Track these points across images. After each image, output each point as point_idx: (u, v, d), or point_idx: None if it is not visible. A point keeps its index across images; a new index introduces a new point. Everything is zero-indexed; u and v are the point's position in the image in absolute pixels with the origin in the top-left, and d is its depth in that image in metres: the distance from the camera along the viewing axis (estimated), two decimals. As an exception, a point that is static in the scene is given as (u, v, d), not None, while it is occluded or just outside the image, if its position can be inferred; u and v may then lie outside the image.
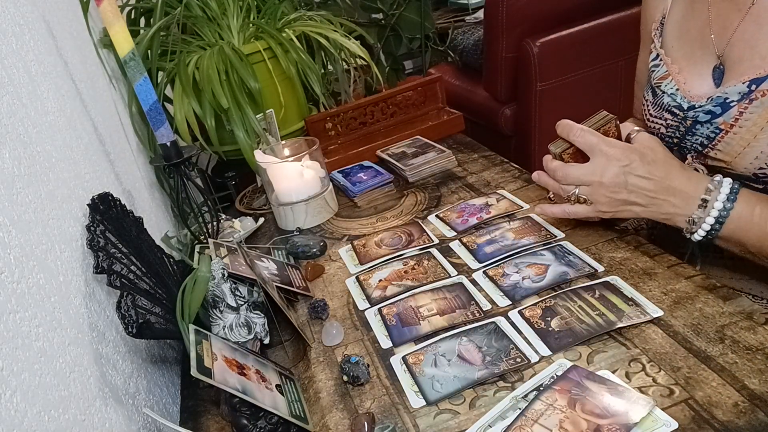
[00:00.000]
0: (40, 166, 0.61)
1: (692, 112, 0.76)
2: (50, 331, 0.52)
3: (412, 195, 1.07)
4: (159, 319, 0.67)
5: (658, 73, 0.83)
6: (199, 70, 1.11)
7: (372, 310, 0.77)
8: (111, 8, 0.78)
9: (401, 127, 1.29)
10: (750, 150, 0.70)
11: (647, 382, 0.56)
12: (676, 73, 0.80)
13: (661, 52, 0.83)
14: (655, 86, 0.83)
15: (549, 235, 0.83)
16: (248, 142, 1.10)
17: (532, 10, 1.72)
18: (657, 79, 0.83)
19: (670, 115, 0.80)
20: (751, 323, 0.60)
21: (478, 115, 1.98)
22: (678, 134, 0.79)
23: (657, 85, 0.83)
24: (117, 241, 0.68)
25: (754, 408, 0.51)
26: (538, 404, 0.56)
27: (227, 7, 1.23)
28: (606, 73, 1.78)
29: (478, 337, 0.67)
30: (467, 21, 2.50)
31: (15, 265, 0.49)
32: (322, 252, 0.94)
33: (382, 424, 0.59)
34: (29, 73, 0.67)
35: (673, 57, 0.82)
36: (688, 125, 0.77)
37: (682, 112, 0.78)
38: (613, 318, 0.64)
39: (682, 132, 0.78)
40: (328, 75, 1.41)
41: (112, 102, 1.05)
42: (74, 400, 0.52)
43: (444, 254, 0.85)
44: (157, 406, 0.72)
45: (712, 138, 0.74)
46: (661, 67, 0.83)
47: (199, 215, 0.96)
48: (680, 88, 0.79)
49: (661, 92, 0.82)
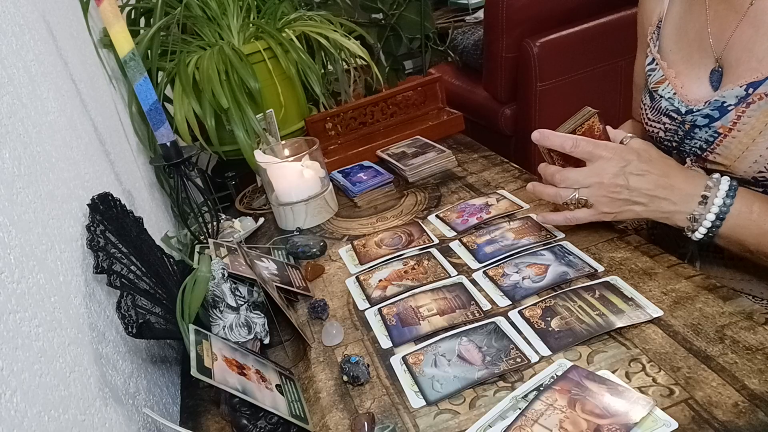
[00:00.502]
0: (40, 166, 0.61)
1: (690, 116, 0.76)
2: (50, 331, 0.52)
3: (412, 195, 1.07)
4: (159, 319, 0.67)
5: (654, 78, 0.83)
6: (199, 70, 1.11)
7: (372, 310, 0.77)
8: (111, 8, 0.78)
9: (401, 127, 1.29)
10: (749, 153, 0.70)
11: (647, 382, 0.56)
12: (673, 77, 0.80)
13: (657, 57, 0.83)
14: (652, 90, 0.83)
15: (549, 235, 0.83)
16: (248, 142, 1.10)
17: (532, 10, 1.72)
18: (654, 83, 0.83)
19: (669, 119, 0.80)
20: (751, 323, 0.60)
21: (478, 115, 1.98)
22: (677, 138, 0.79)
23: (654, 89, 0.82)
24: (117, 241, 0.68)
25: (754, 408, 0.51)
26: (538, 404, 0.56)
27: (227, 7, 1.23)
28: (606, 73, 1.78)
29: (478, 337, 0.67)
30: (467, 21, 2.50)
31: (15, 265, 0.49)
32: (322, 252, 0.94)
33: (382, 424, 0.59)
34: (29, 73, 0.67)
35: (670, 60, 0.81)
36: (687, 129, 0.77)
37: (680, 116, 0.78)
38: (613, 318, 0.64)
39: (680, 136, 0.78)
40: (328, 75, 1.41)
41: (112, 102, 1.05)
42: (74, 400, 0.52)
43: (444, 254, 0.85)
44: (157, 406, 0.72)
45: (711, 142, 0.74)
46: (657, 72, 0.82)
47: (199, 215, 0.96)
48: (677, 92, 0.79)
49: (658, 96, 0.81)
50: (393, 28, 2.17)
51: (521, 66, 1.75)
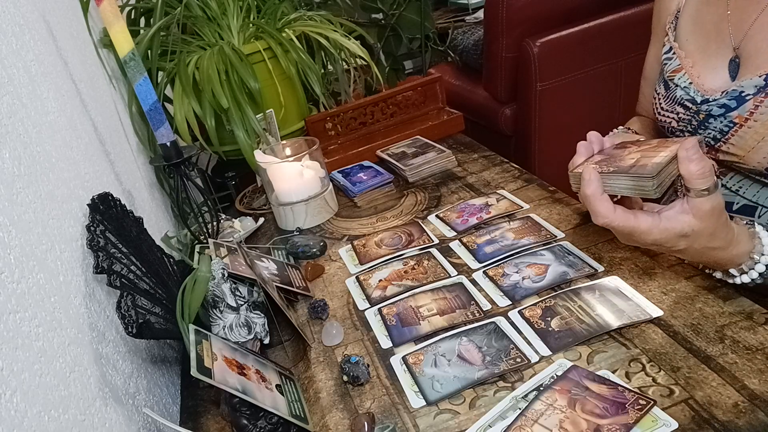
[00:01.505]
0: (40, 166, 0.61)
1: (705, 106, 0.76)
2: (50, 331, 0.52)
3: (412, 195, 1.07)
4: (159, 319, 0.67)
5: (670, 66, 0.83)
6: (199, 70, 1.11)
7: (372, 310, 0.77)
8: (111, 8, 0.78)
9: (401, 127, 1.29)
10: (764, 144, 0.70)
11: (647, 382, 0.56)
12: (690, 66, 0.80)
13: (675, 45, 0.83)
14: (668, 79, 0.83)
15: (549, 235, 0.83)
16: (248, 142, 1.10)
17: (532, 10, 1.72)
18: (670, 72, 0.83)
19: (683, 109, 0.80)
20: (751, 323, 0.60)
21: (478, 115, 1.98)
22: (690, 128, 0.79)
23: (670, 78, 0.82)
24: (117, 241, 0.68)
25: (754, 408, 0.51)
26: (538, 404, 0.56)
27: (227, 7, 1.23)
28: (606, 73, 1.77)
29: (478, 337, 0.67)
30: (467, 21, 2.50)
31: (15, 265, 0.49)
32: (322, 252, 0.94)
33: (382, 424, 0.59)
34: (29, 73, 0.67)
35: (687, 50, 0.81)
36: (701, 119, 0.77)
37: (695, 106, 0.78)
38: (613, 318, 0.64)
39: (694, 126, 0.78)
40: (328, 75, 1.41)
41: (112, 102, 1.05)
42: (74, 400, 0.52)
43: (444, 254, 0.85)
44: (157, 406, 0.72)
45: (726, 132, 0.74)
46: (674, 61, 0.82)
47: (199, 215, 0.96)
48: (693, 81, 0.79)
49: (674, 85, 0.81)
50: (393, 28, 2.17)
51: (521, 66, 1.75)
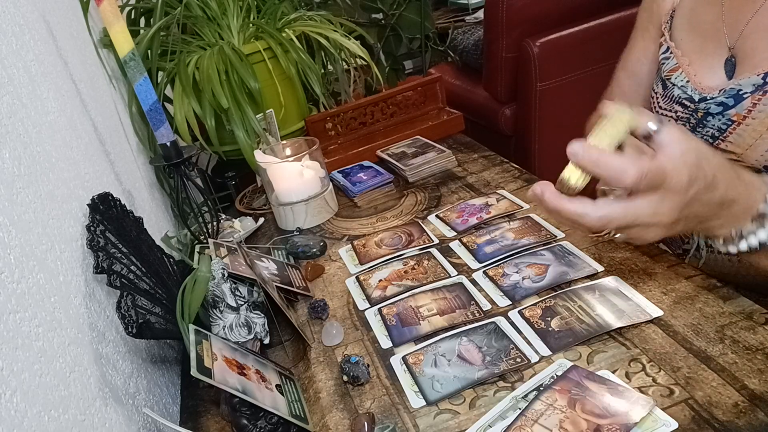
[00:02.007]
0: (40, 166, 0.61)
1: (703, 104, 0.76)
2: (50, 331, 0.52)
3: (412, 195, 1.07)
4: (159, 319, 0.67)
5: (668, 66, 0.83)
6: (199, 70, 1.11)
7: (372, 310, 0.77)
8: (111, 8, 0.78)
9: (401, 127, 1.29)
10: (762, 142, 0.70)
11: (647, 382, 0.56)
12: (686, 65, 0.80)
13: (671, 45, 0.83)
14: (665, 79, 0.83)
15: (549, 235, 0.83)
16: (248, 142, 1.10)
17: (532, 10, 1.72)
18: (667, 71, 0.83)
19: (681, 107, 0.80)
20: (751, 323, 0.60)
21: (478, 115, 1.98)
22: (688, 126, 0.79)
23: (667, 77, 0.83)
24: (117, 241, 0.68)
25: (754, 408, 0.51)
26: (538, 404, 0.56)
27: (227, 7, 1.23)
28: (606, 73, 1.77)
29: (478, 337, 0.67)
30: (467, 21, 2.50)
31: (15, 265, 0.49)
32: (322, 252, 0.94)
33: (382, 424, 0.59)
34: (29, 73, 0.67)
35: (683, 50, 0.82)
36: (699, 117, 0.77)
37: (693, 104, 0.78)
38: (613, 318, 0.64)
39: (692, 124, 0.78)
40: (328, 75, 1.41)
41: (112, 102, 1.05)
42: (74, 400, 0.52)
43: (444, 254, 0.85)
44: (157, 406, 0.72)
45: (724, 130, 0.74)
46: (671, 60, 0.83)
47: (199, 215, 0.96)
48: (691, 80, 0.79)
49: (671, 85, 0.81)
50: (393, 28, 2.17)
51: (521, 66, 1.75)
